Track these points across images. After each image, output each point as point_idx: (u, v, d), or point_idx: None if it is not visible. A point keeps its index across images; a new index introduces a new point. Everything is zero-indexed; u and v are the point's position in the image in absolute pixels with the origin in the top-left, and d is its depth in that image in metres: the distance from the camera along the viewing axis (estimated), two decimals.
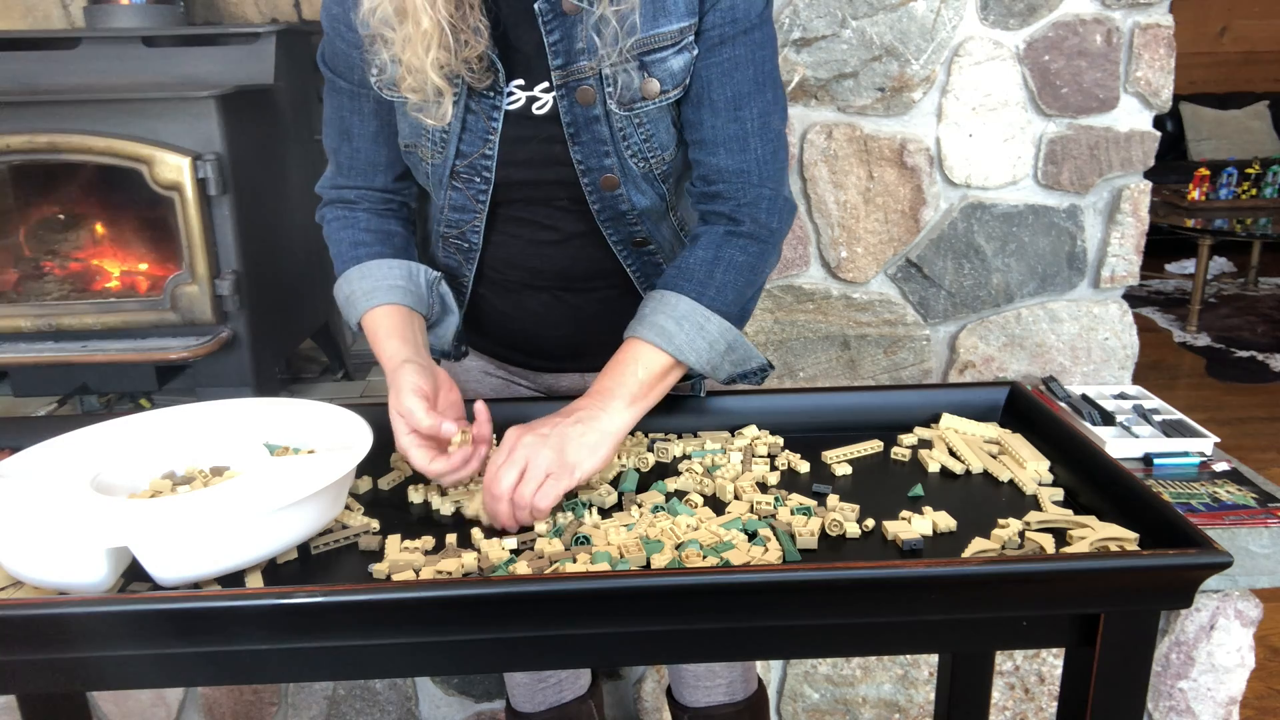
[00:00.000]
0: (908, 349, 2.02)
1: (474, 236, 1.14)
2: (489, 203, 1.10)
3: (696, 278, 1.03)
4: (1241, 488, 1.60)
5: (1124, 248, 1.96)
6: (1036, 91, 1.88)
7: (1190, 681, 1.68)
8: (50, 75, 1.81)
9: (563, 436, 0.95)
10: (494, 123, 1.05)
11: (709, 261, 1.04)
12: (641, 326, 1.02)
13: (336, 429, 1.01)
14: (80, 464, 0.94)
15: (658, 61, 1.01)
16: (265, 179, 1.91)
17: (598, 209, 1.08)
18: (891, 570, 0.80)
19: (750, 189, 1.05)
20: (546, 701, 1.39)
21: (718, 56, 1.02)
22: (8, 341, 1.80)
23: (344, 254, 1.15)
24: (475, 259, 1.16)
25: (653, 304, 1.03)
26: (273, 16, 2.14)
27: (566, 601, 0.79)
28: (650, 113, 1.04)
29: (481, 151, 1.06)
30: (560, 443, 0.94)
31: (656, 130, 1.05)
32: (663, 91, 1.02)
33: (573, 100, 1.03)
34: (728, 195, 1.05)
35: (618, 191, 1.07)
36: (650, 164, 1.06)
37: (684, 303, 1.02)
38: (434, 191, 1.13)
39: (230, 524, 0.83)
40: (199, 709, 1.79)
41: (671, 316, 1.01)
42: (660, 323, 1.01)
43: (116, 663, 0.81)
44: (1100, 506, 0.96)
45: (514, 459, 0.93)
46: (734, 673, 1.34)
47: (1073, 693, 0.89)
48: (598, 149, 1.05)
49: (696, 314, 1.02)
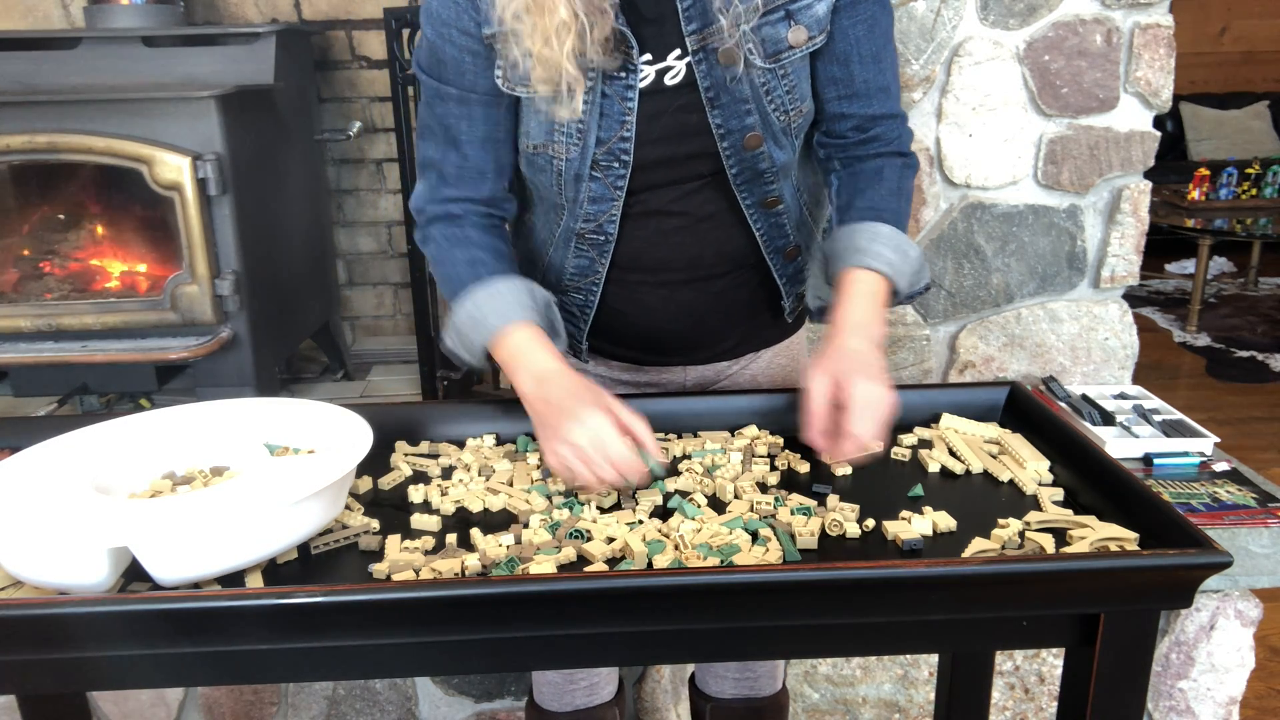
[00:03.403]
0: (908, 349, 2.02)
1: (610, 227, 1.12)
2: (626, 188, 1.09)
3: (890, 209, 1.11)
4: (1241, 488, 1.60)
5: (1124, 248, 1.96)
6: (1036, 91, 1.88)
7: (1190, 681, 1.68)
8: (50, 75, 1.82)
9: (877, 369, 1.02)
10: (629, 103, 1.04)
11: (893, 193, 1.12)
12: (867, 257, 1.08)
13: (336, 429, 1.01)
14: (80, 464, 0.94)
15: (804, 8, 1.03)
16: (265, 179, 1.91)
17: (735, 171, 1.09)
18: (891, 570, 0.80)
19: (900, 126, 1.14)
20: (575, 704, 1.38)
21: (860, 14, 1.07)
22: (8, 341, 1.80)
23: (461, 274, 1.09)
24: (609, 252, 1.13)
25: (865, 236, 1.09)
26: (273, 16, 2.14)
27: (567, 602, 0.79)
28: (795, 63, 1.05)
29: (619, 135, 1.05)
30: (880, 374, 1.02)
31: (799, 81, 1.07)
32: (810, 38, 1.04)
33: (713, 63, 1.03)
34: (887, 137, 1.13)
35: (759, 150, 1.08)
36: (790, 116, 1.08)
37: (891, 232, 1.09)
38: (567, 188, 1.10)
39: (230, 524, 0.83)
40: (199, 709, 1.79)
41: (888, 245, 1.08)
42: (882, 252, 1.08)
43: (116, 663, 0.81)
44: (1100, 506, 0.96)
45: (871, 411, 0.98)
46: (762, 668, 1.34)
47: (1073, 693, 0.89)
48: (739, 109, 1.05)
49: (901, 242, 1.09)
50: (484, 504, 1.00)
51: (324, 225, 2.26)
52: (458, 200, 1.12)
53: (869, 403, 0.98)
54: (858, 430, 0.97)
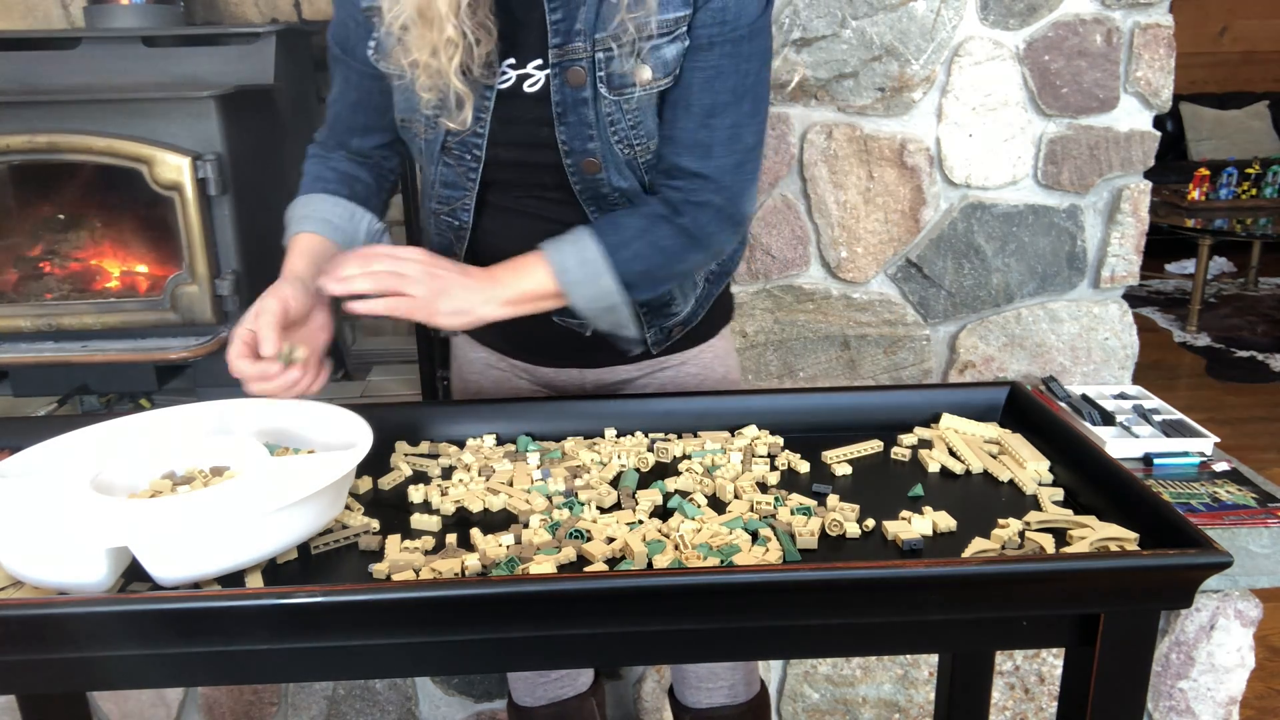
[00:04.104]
0: (908, 349, 2.02)
1: (464, 215, 1.15)
2: (479, 181, 1.11)
3: (620, 235, 1.06)
4: (1241, 488, 1.60)
5: (1124, 248, 1.96)
6: (1036, 91, 1.88)
7: (1190, 681, 1.68)
8: (50, 75, 1.81)
9: (448, 286, 1.01)
10: (486, 101, 1.06)
11: (638, 230, 1.07)
12: (554, 250, 1.05)
13: (336, 429, 1.01)
14: (80, 464, 0.94)
15: (653, 49, 1.02)
16: (265, 179, 1.91)
17: (579, 189, 1.09)
18: (891, 570, 0.80)
19: (703, 193, 1.06)
20: (547, 696, 1.39)
21: (702, 61, 1.03)
22: (8, 341, 1.80)
23: (305, 186, 1.20)
24: (465, 239, 1.17)
25: (573, 237, 1.06)
26: (273, 16, 2.14)
27: (566, 601, 0.79)
28: (639, 99, 1.04)
29: (473, 130, 1.08)
30: (443, 287, 1.01)
31: (644, 118, 1.06)
32: (654, 79, 1.03)
33: (563, 80, 1.03)
34: (681, 191, 1.07)
35: (599, 175, 1.08)
36: (635, 151, 1.07)
37: (595, 251, 1.05)
38: (427, 165, 1.15)
39: (230, 524, 0.83)
40: (199, 709, 1.79)
41: (578, 257, 1.05)
42: (566, 256, 1.05)
43: (116, 663, 0.81)
44: (1100, 506, 0.96)
45: (403, 264, 1.00)
46: (736, 675, 1.34)
47: (1073, 693, 0.89)
48: (583, 131, 1.05)
49: (599, 265, 1.04)
50: (484, 504, 1.00)
51: None
52: (335, 141, 1.21)
53: (386, 247, 1.02)
54: None
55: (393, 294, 1.00)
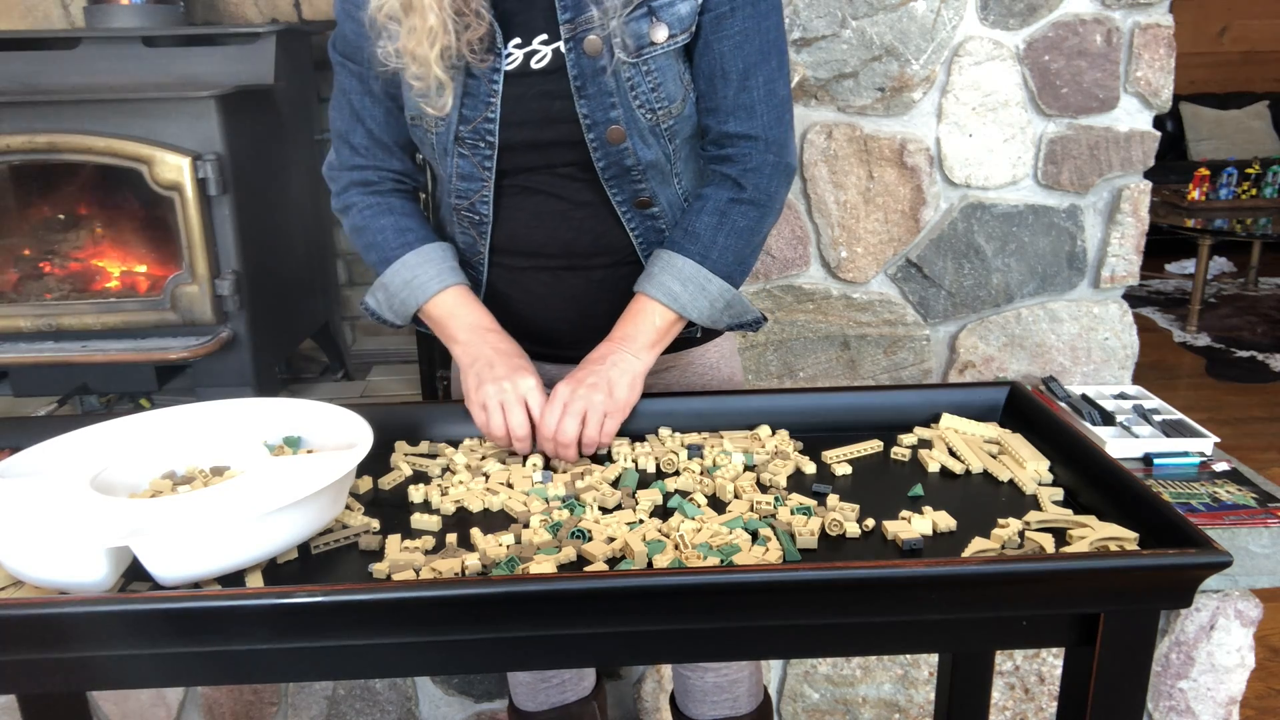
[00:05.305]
0: (908, 349, 2.02)
1: (483, 207, 1.14)
2: (495, 169, 1.11)
3: (701, 241, 1.11)
4: (1241, 488, 1.60)
5: (1124, 248, 1.96)
6: (1036, 91, 1.88)
7: (1190, 681, 1.68)
8: (50, 75, 1.81)
9: (608, 380, 1.07)
10: (495, 85, 1.06)
11: (713, 226, 1.11)
12: (650, 285, 1.11)
13: (336, 429, 1.01)
14: (80, 464, 0.94)
15: (666, 6, 1.03)
16: (265, 179, 1.91)
17: (603, 165, 1.09)
18: (891, 570, 0.80)
19: (756, 155, 1.11)
20: (549, 701, 1.39)
21: (727, 29, 1.06)
22: (8, 341, 1.80)
23: (390, 240, 1.16)
24: (488, 232, 1.16)
25: (660, 264, 1.11)
26: (273, 16, 2.14)
27: (566, 601, 0.79)
28: (659, 60, 1.05)
29: (484, 115, 1.08)
30: (608, 386, 1.07)
31: (665, 79, 1.06)
32: (671, 36, 1.04)
33: (580, 52, 1.04)
34: (736, 159, 1.11)
35: (624, 145, 1.08)
36: (658, 116, 1.07)
37: (689, 265, 1.10)
38: (440, 162, 1.14)
39: (230, 524, 0.83)
40: (199, 709, 1.79)
41: (677, 278, 1.10)
42: (667, 283, 1.10)
43: (116, 663, 0.81)
44: (1100, 506, 0.96)
45: (572, 410, 1.04)
46: (740, 688, 1.33)
47: (1073, 693, 0.89)
48: (604, 101, 1.05)
49: (700, 276, 1.10)
50: (484, 504, 1.00)
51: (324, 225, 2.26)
52: (372, 168, 1.18)
53: (559, 401, 1.05)
54: (542, 426, 1.05)
55: (595, 444, 1.07)
